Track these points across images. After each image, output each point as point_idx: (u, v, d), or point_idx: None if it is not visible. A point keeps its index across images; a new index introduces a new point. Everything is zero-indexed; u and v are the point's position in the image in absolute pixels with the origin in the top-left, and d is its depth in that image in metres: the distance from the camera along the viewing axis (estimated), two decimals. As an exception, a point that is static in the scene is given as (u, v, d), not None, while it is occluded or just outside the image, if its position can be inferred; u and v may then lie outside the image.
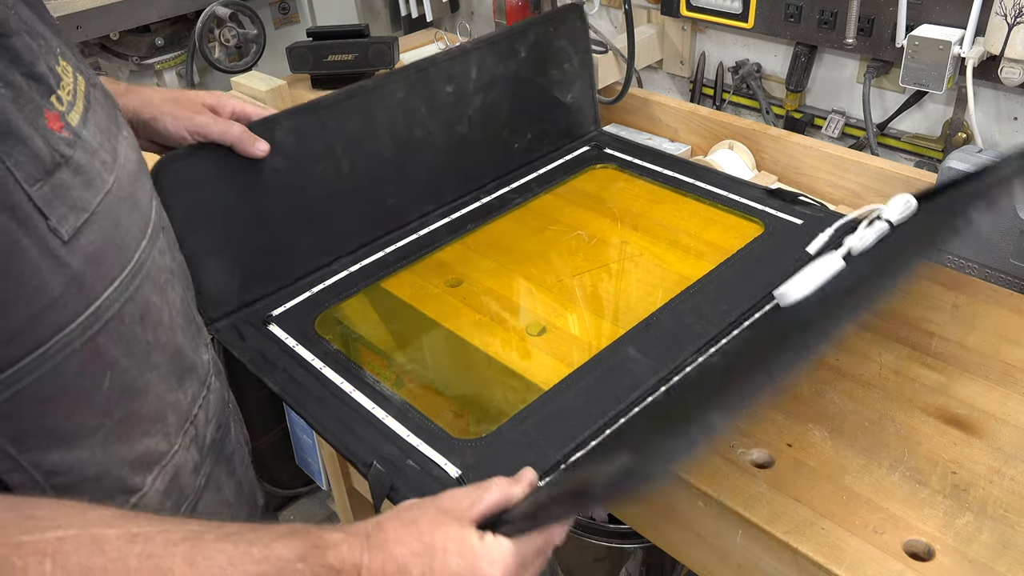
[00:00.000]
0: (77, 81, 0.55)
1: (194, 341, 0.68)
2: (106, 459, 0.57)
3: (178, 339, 0.63)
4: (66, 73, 0.54)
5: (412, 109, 1.07)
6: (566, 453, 0.72)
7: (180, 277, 0.67)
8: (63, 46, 0.57)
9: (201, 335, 0.71)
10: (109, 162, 0.55)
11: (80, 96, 0.55)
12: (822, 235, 0.91)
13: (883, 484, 0.68)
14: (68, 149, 0.51)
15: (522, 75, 1.18)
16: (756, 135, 1.32)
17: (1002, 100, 1.24)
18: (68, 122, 0.52)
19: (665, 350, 0.83)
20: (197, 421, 0.67)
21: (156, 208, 0.63)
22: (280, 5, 1.88)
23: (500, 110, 1.16)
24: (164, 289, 0.61)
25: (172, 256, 0.66)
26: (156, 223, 0.62)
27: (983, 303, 0.87)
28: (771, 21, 1.40)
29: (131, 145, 0.61)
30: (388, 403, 0.78)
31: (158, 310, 0.60)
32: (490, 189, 1.13)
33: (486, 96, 1.13)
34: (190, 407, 0.66)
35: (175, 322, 0.63)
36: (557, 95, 1.23)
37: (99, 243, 0.53)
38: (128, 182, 0.57)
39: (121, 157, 0.57)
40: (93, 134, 0.54)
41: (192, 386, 0.67)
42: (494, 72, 1.15)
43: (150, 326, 0.59)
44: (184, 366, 0.65)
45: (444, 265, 1.02)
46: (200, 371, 0.69)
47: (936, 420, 0.73)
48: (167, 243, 0.65)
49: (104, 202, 0.53)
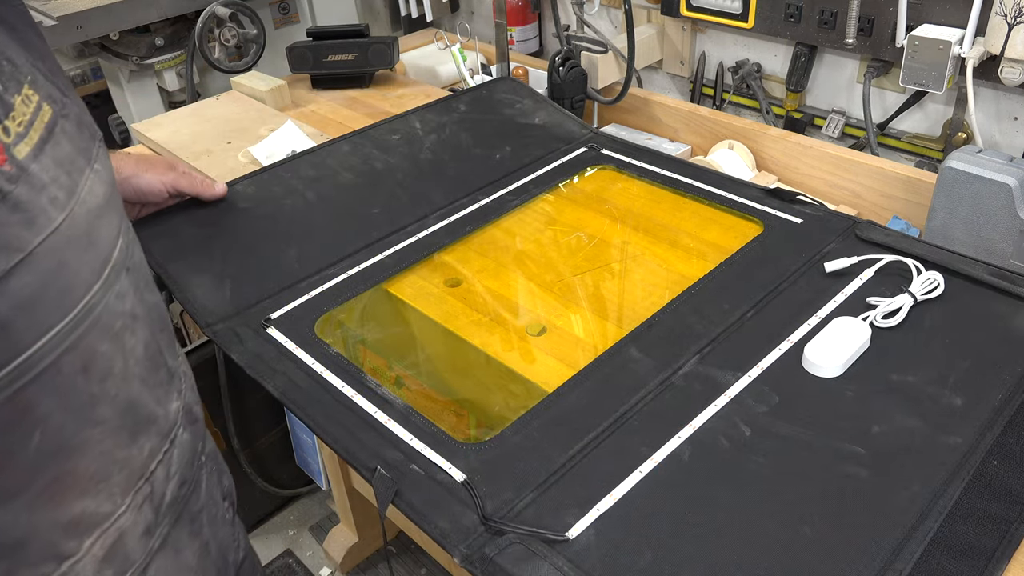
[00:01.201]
0: (41, 111, 0.51)
1: (160, 390, 0.63)
2: (33, 522, 0.53)
3: (133, 390, 0.59)
4: (26, 102, 0.50)
5: (364, 154, 1.21)
6: (571, 456, 0.72)
7: (147, 321, 0.61)
8: (39, 72, 0.53)
9: (173, 382, 0.65)
10: (61, 199, 0.51)
11: (38, 127, 0.50)
12: (845, 259, 0.91)
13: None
14: (7, 184, 0.46)
15: (471, 117, 1.28)
16: (756, 135, 1.32)
17: (1002, 100, 1.24)
18: (13, 155, 0.47)
19: (667, 350, 0.83)
20: (154, 478, 0.62)
21: (122, 247, 0.58)
22: (280, 5, 1.87)
23: (460, 139, 1.24)
24: (120, 336, 0.57)
25: (138, 298, 0.60)
26: (118, 263, 0.57)
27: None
28: (771, 21, 1.40)
29: (101, 179, 0.57)
30: (390, 407, 0.78)
31: (108, 359, 0.55)
32: (488, 191, 1.13)
33: (439, 136, 1.19)
34: (146, 463, 0.61)
35: (131, 372, 0.58)
36: (521, 121, 1.27)
37: (34, 287, 0.48)
38: (86, 219, 0.53)
39: (83, 192, 0.53)
40: (46, 168, 0.50)
41: (150, 440, 0.61)
42: (438, 121, 1.28)
43: (96, 377, 0.54)
44: (140, 419, 0.60)
45: (444, 266, 1.02)
46: (163, 423, 0.63)
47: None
48: (131, 284, 0.59)
49: (47, 242, 0.49)
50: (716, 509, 0.67)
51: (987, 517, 0.65)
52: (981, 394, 0.75)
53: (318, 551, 1.71)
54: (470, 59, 1.59)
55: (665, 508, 0.67)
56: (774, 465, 0.70)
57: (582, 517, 0.66)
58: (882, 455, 0.70)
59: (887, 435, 0.72)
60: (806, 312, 0.86)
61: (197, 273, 0.97)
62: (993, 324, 0.83)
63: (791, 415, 0.75)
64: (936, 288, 0.87)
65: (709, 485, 0.69)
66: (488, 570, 0.63)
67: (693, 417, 0.75)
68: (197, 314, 0.92)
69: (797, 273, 0.92)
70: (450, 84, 1.66)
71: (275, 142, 1.32)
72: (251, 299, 0.93)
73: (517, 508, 0.68)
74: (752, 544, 0.64)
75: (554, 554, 0.63)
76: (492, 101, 1.32)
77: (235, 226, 1.06)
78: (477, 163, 1.17)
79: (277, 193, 1.12)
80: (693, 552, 0.63)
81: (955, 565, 0.62)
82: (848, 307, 0.87)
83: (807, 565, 0.62)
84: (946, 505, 0.66)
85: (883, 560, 0.62)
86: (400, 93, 1.54)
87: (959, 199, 1.02)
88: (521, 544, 0.64)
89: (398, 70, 1.67)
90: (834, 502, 0.67)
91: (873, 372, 0.79)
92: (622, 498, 0.68)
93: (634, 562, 0.63)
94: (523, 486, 0.69)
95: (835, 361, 0.78)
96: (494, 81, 1.40)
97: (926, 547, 0.63)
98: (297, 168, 1.17)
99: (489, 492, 0.69)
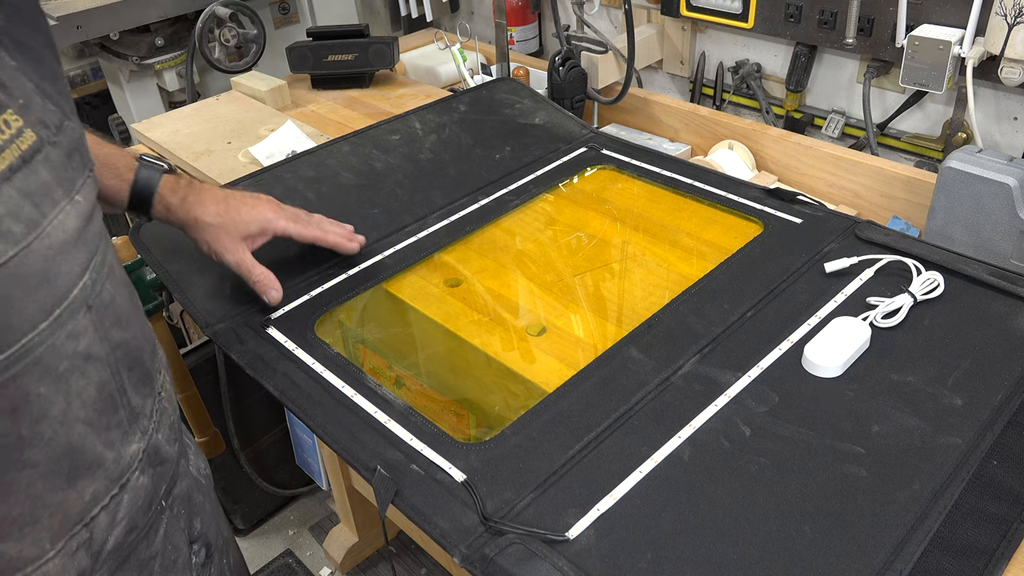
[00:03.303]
0: (20, 137, 0.49)
1: (113, 433, 0.59)
2: None
3: (75, 434, 0.55)
4: (3, 128, 0.48)
5: (364, 154, 1.20)
6: (571, 456, 0.72)
7: (108, 361, 0.57)
8: (41, 94, 0.52)
9: (136, 423, 0.62)
10: (18, 232, 0.48)
11: (8, 156, 0.48)
12: (845, 259, 0.91)
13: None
14: None
15: (471, 118, 1.27)
16: (756, 135, 1.32)
17: (1002, 100, 1.24)
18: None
19: (667, 350, 0.83)
20: (95, 524, 0.59)
21: (86, 285, 0.54)
22: (280, 5, 1.87)
23: (460, 139, 1.23)
24: (65, 378, 0.53)
25: (100, 337, 0.56)
26: (76, 302, 0.53)
27: None
28: (771, 21, 1.40)
29: (78, 212, 0.53)
30: (390, 407, 0.78)
31: (45, 402, 0.52)
32: (488, 191, 1.13)
33: (439, 136, 1.17)
34: (86, 508, 0.57)
35: (75, 415, 0.55)
36: (521, 121, 1.26)
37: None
38: (45, 256, 0.50)
39: (49, 226, 0.50)
40: (7, 199, 0.47)
41: (93, 484, 0.58)
42: (438, 121, 1.27)
43: (26, 420, 0.51)
44: (82, 463, 0.56)
45: (444, 266, 1.02)
46: (112, 468, 0.59)
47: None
48: (92, 323, 0.55)
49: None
50: (716, 509, 0.67)
51: (987, 517, 0.65)
52: (981, 394, 0.75)
53: (318, 551, 1.71)
54: (470, 59, 1.59)
55: (665, 508, 0.67)
56: (774, 465, 0.70)
57: (582, 517, 0.66)
58: (882, 455, 0.70)
59: (887, 435, 0.72)
60: (806, 312, 0.86)
61: (197, 273, 0.97)
62: (993, 324, 0.83)
63: (791, 415, 0.75)
64: (936, 288, 0.87)
65: (709, 485, 0.69)
66: (488, 570, 0.63)
67: (693, 417, 0.75)
68: (197, 314, 0.92)
69: (797, 273, 0.92)
70: (450, 84, 1.66)
71: (275, 142, 1.32)
72: (251, 299, 0.93)
73: (517, 508, 0.68)
74: (752, 544, 0.64)
75: (554, 554, 0.63)
76: (492, 101, 1.33)
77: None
78: (477, 163, 1.17)
79: (277, 193, 1.11)
80: (693, 552, 0.63)
81: (955, 565, 0.62)
82: (848, 307, 0.87)
83: (807, 565, 0.62)
84: (946, 505, 0.66)
85: (883, 560, 0.62)
86: (400, 93, 1.54)
87: (959, 199, 1.02)
88: (521, 544, 0.64)
89: (398, 70, 1.67)
90: (834, 502, 0.67)
91: (873, 372, 0.79)
92: (622, 498, 0.68)
93: (634, 562, 0.63)
94: (523, 486, 0.69)
95: (835, 361, 0.78)
96: (494, 81, 1.40)
97: (926, 547, 0.63)
98: (297, 168, 1.17)
99: (489, 492, 0.69)
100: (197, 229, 0.88)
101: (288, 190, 1.12)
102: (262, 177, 1.15)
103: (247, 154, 1.31)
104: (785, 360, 0.81)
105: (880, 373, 0.79)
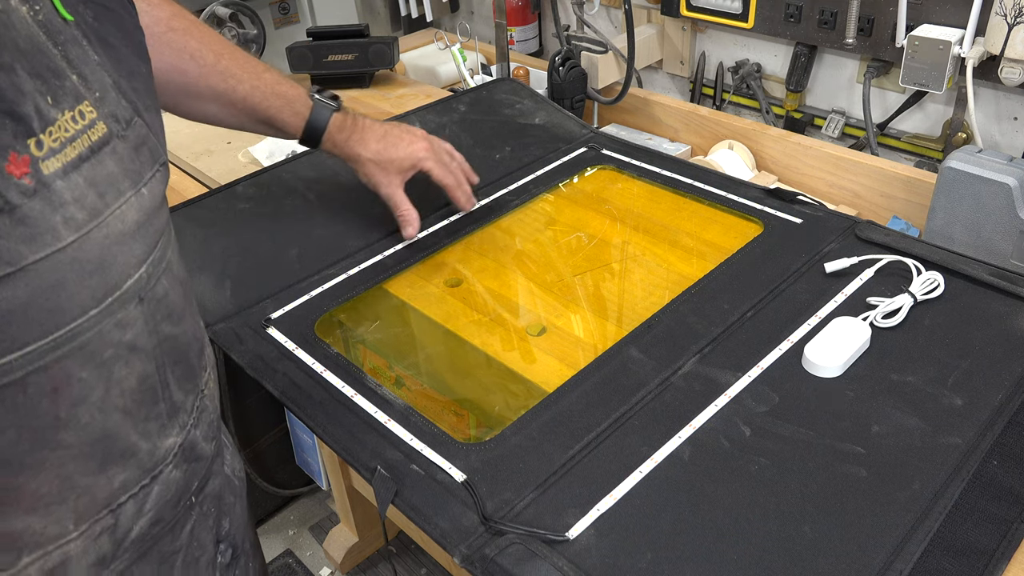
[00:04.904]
0: (92, 128, 0.51)
1: (151, 424, 0.60)
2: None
3: (112, 422, 0.57)
4: (77, 119, 0.50)
5: None
6: (571, 456, 0.72)
7: (154, 355, 0.59)
8: (118, 89, 0.53)
9: (175, 419, 0.63)
10: (80, 220, 0.50)
11: (80, 144, 0.50)
12: (845, 260, 0.91)
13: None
14: (19, 197, 0.46)
15: (471, 118, 1.27)
16: (756, 135, 1.32)
17: (1002, 100, 1.24)
18: (39, 169, 0.47)
19: (667, 350, 0.83)
20: (121, 512, 0.60)
21: (141, 278, 0.56)
22: (280, 5, 1.87)
23: (460, 139, 1.23)
24: (108, 365, 0.55)
25: (150, 330, 0.58)
26: (129, 293, 0.55)
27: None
28: (771, 21, 1.40)
29: (141, 206, 0.55)
30: (390, 407, 0.78)
31: (85, 387, 0.54)
32: (488, 191, 1.13)
33: (439, 135, 1.17)
34: (114, 495, 0.59)
35: (113, 403, 0.56)
36: (522, 121, 1.26)
37: (16, 302, 0.47)
38: (102, 245, 0.52)
39: (110, 216, 0.52)
40: (74, 186, 0.49)
41: (124, 473, 0.59)
42: (438, 122, 1.26)
43: (65, 402, 0.53)
44: (115, 451, 0.58)
45: (444, 266, 1.02)
46: (145, 459, 0.60)
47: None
48: (143, 315, 0.57)
49: (47, 261, 0.48)
50: (716, 509, 0.67)
51: (987, 517, 0.65)
52: (981, 394, 0.75)
53: (318, 551, 1.71)
54: (470, 59, 1.59)
55: (665, 508, 0.67)
56: (774, 465, 0.70)
57: (582, 517, 0.66)
58: (882, 455, 0.70)
59: (887, 435, 0.72)
60: (806, 312, 0.86)
61: (197, 273, 0.97)
62: (993, 324, 0.83)
63: (791, 415, 0.75)
64: (936, 288, 0.87)
65: (709, 485, 0.69)
66: (488, 570, 0.63)
67: (693, 417, 0.75)
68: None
69: (797, 273, 0.92)
70: (450, 84, 1.66)
71: (275, 142, 1.32)
72: (251, 299, 0.93)
73: (517, 508, 0.68)
74: (752, 544, 0.64)
75: (554, 554, 0.63)
76: (492, 101, 1.32)
77: (235, 226, 1.06)
78: (477, 163, 1.17)
79: (277, 193, 1.12)
80: (693, 552, 0.63)
81: (955, 565, 0.62)
82: (848, 307, 0.87)
83: (807, 565, 0.62)
84: (946, 505, 0.66)
85: (883, 560, 0.62)
86: (400, 93, 1.54)
87: (959, 199, 1.03)
88: (521, 544, 0.64)
89: (398, 70, 1.67)
90: (834, 502, 0.67)
91: (873, 372, 0.79)
92: (622, 498, 0.68)
93: (634, 562, 0.63)
94: (523, 486, 0.69)
95: (835, 361, 0.78)
96: (494, 81, 1.40)
97: (926, 547, 0.63)
98: (297, 168, 1.17)
99: (489, 492, 0.69)
100: (359, 163, 1.02)
101: (288, 190, 1.12)
102: (262, 177, 1.15)
103: (247, 154, 1.31)
104: (785, 360, 0.81)
105: (880, 373, 0.79)
